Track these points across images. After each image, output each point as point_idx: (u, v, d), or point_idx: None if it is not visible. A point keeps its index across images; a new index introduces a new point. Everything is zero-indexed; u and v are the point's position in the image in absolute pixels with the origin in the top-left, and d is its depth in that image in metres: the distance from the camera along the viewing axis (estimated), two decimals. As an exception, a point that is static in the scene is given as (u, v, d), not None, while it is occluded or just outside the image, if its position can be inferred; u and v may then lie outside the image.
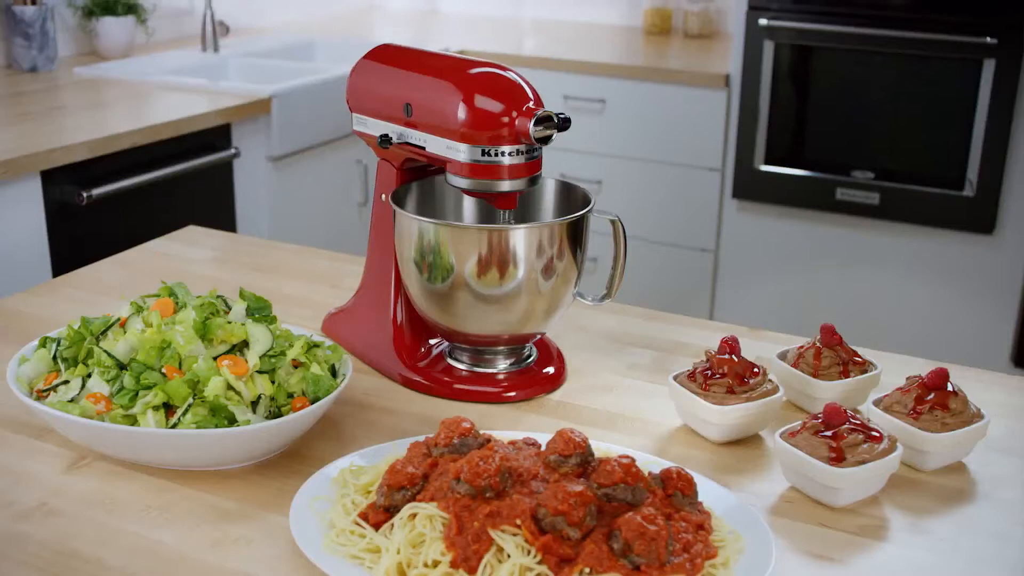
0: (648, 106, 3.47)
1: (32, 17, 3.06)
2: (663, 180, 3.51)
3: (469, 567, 0.91)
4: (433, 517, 0.95)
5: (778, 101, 3.33)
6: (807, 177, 3.34)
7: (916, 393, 1.16)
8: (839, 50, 3.24)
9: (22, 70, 3.10)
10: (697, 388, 1.20)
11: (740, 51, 3.32)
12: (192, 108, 2.72)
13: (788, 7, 3.23)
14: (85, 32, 3.35)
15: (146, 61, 3.26)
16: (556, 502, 0.92)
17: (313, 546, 0.97)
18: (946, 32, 3.05)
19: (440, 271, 1.25)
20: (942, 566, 1.00)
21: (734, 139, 3.40)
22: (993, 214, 3.12)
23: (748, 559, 0.96)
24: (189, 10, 3.68)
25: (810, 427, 1.10)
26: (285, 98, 2.92)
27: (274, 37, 3.75)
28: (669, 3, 4.02)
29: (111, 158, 2.47)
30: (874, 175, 3.25)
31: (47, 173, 2.34)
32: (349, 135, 3.23)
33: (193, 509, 1.07)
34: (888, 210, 3.24)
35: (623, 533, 0.91)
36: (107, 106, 2.76)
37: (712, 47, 3.76)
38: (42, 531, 1.03)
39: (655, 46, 3.81)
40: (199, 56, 3.40)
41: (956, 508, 1.09)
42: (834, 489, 1.06)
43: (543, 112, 1.21)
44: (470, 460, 0.96)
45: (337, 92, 3.09)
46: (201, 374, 1.11)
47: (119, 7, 3.32)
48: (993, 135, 3.06)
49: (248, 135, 2.88)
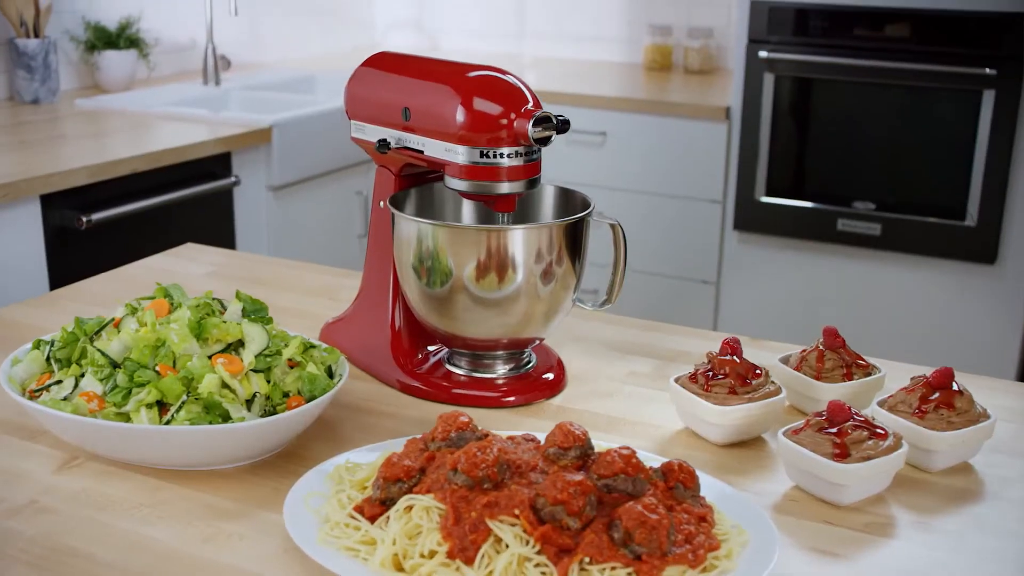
0: (649, 139, 3.48)
1: (35, 50, 3.08)
2: (664, 212, 3.51)
3: (466, 557, 0.90)
4: (430, 508, 0.93)
5: (779, 133, 3.33)
6: (808, 208, 3.33)
7: (921, 392, 1.14)
8: (839, 82, 3.25)
9: (24, 102, 3.11)
10: (698, 389, 1.18)
11: (740, 84, 3.33)
12: (193, 136, 2.72)
13: (788, 40, 3.25)
14: (87, 66, 3.37)
15: (147, 93, 3.27)
16: (555, 491, 0.91)
17: (307, 539, 0.95)
18: (946, 63, 3.06)
19: (439, 275, 1.24)
20: (950, 563, 0.98)
21: (735, 171, 3.40)
22: (995, 244, 3.11)
23: (751, 552, 0.94)
24: (191, 45, 3.70)
25: (814, 424, 1.08)
26: (285, 127, 2.92)
27: (275, 72, 3.77)
28: (669, 40, 4.04)
29: (111, 183, 2.47)
30: (875, 206, 3.25)
31: (47, 197, 2.34)
32: (350, 166, 3.23)
33: (186, 507, 1.05)
34: (890, 241, 3.23)
35: (624, 522, 0.89)
36: (108, 134, 2.76)
37: (712, 82, 3.78)
38: (33, 528, 1.01)
39: (656, 81, 3.82)
40: (200, 89, 3.41)
41: (963, 507, 1.07)
42: (839, 486, 1.04)
43: (542, 113, 1.21)
44: (467, 451, 0.95)
45: (338, 123, 3.10)
46: (195, 371, 1.09)
47: (121, 41, 3.34)
48: (994, 165, 3.06)
49: (248, 164, 2.88)
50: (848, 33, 3.17)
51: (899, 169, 3.23)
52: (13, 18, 3.07)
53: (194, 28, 3.67)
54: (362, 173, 3.28)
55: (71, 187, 2.37)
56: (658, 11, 4.09)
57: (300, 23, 4.15)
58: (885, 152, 3.24)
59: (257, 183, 2.91)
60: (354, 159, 3.23)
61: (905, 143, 3.21)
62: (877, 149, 3.25)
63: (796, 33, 3.23)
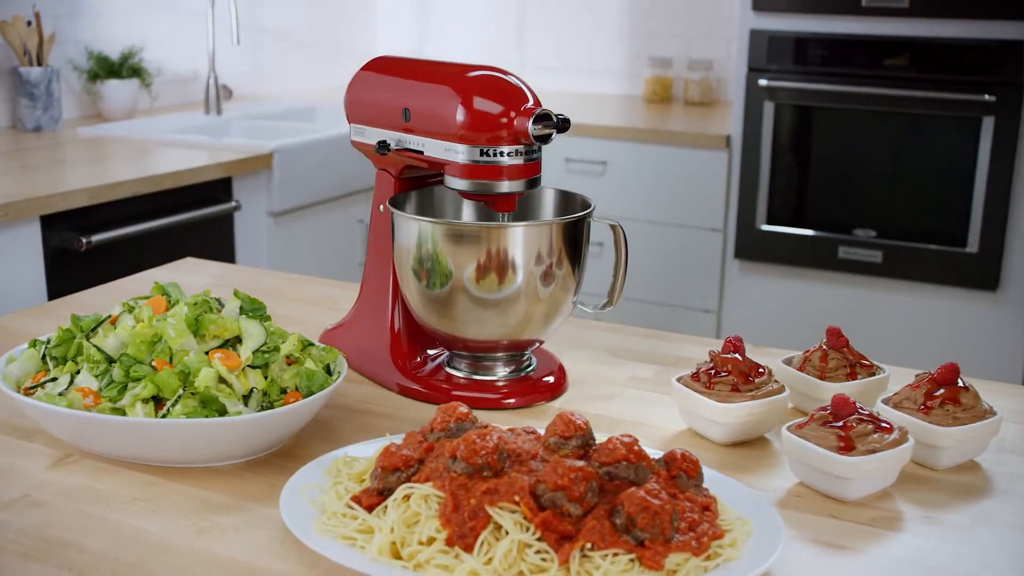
0: (650, 168, 3.48)
1: (38, 78, 3.09)
2: (665, 241, 3.51)
3: (465, 544, 0.88)
4: (428, 497, 0.92)
5: (779, 161, 3.34)
6: (809, 236, 3.33)
7: (926, 389, 1.13)
8: (839, 110, 3.26)
9: (26, 130, 3.12)
10: (701, 387, 1.17)
11: (741, 112, 3.34)
12: (194, 161, 2.73)
13: (788, 68, 3.26)
14: (89, 95, 3.38)
15: (149, 122, 3.28)
16: (556, 477, 0.89)
17: (303, 529, 0.93)
18: (945, 90, 3.07)
19: (439, 276, 1.23)
20: (959, 555, 0.96)
21: (735, 200, 3.40)
22: (997, 270, 3.10)
23: (756, 541, 0.92)
24: (192, 76, 3.71)
25: (818, 419, 1.06)
26: (286, 154, 2.93)
27: (276, 102, 3.78)
28: (669, 72, 4.06)
29: (111, 206, 2.47)
30: (876, 233, 3.25)
31: (47, 218, 2.34)
32: (351, 194, 3.23)
33: (180, 501, 1.03)
34: (891, 268, 3.23)
35: (626, 508, 0.88)
36: (108, 159, 2.77)
37: (712, 114, 3.79)
38: (23, 520, 0.99)
39: (656, 112, 3.84)
40: (202, 118, 3.42)
41: (971, 502, 1.05)
42: (844, 480, 1.03)
43: (542, 110, 1.20)
44: (466, 438, 0.93)
45: (339, 150, 3.11)
46: (192, 366, 1.08)
47: (124, 70, 3.36)
48: (994, 191, 3.06)
49: (249, 189, 2.88)
50: (847, 61, 3.18)
51: (900, 196, 3.24)
52: (17, 47, 3.08)
53: (196, 59, 3.69)
54: (363, 201, 3.28)
55: (71, 208, 2.36)
56: (658, 44, 4.12)
57: (302, 56, 4.18)
58: (886, 179, 3.24)
59: (258, 208, 2.91)
60: (355, 187, 3.23)
61: (905, 170, 3.21)
62: (877, 176, 3.25)
63: (796, 62, 3.25)
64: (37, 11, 3.12)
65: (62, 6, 3.23)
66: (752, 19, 3.27)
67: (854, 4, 3.12)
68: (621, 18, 4.18)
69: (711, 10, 4.00)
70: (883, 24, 3.11)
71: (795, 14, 3.21)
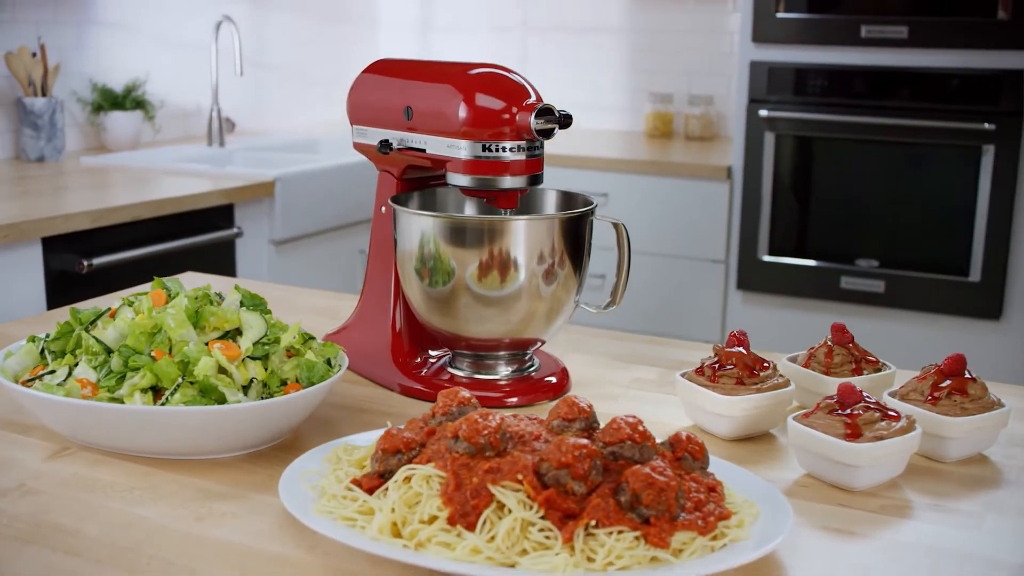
0: (651, 199, 3.49)
1: (42, 108, 3.10)
2: (667, 273, 3.50)
3: (467, 523, 0.86)
4: (430, 477, 0.90)
5: (780, 192, 3.34)
6: (811, 267, 3.33)
7: (933, 380, 1.11)
8: (839, 140, 3.27)
9: (29, 160, 3.13)
10: (705, 381, 1.15)
11: (741, 143, 3.35)
12: (196, 188, 2.73)
13: (788, 99, 3.28)
14: (93, 127, 3.40)
15: (152, 152, 3.29)
16: (559, 455, 0.87)
17: (303, 511, 0.91)
18: (945, 119, 3.08)
19: (441, 274, 1.23)
20: (970, 540, 0.94)
21: (737, 230, 3.40)
22: (999, 299, 3.10)
23: (764, 522, 0.90)
24: (196, 109, 3.73)
25: (824, 407, 1.05)
26: (289, 182, 2.93)
27: (279, 135, 3.80)
28: (670, 107, 4.08)
29: (113, 230, 2.47)
30: (878, 263, 3.24)
31: (48, 241, 2.33)
32: (353, 224, 3.23)
33: (178, 491, 1.02)
34: (894, 298, 3.22)
35: (631, 484, 0.86)
36: (111, 186, 2.77)
37: (713, 148, 3.80)
38: (19, 507, 0.97)
39: (657, 146, 3.85)
40: (205, 149, 3.44)
41: (981, 491, 1.04)
42: (851, 468, 1.01)
43: (544, 105, 1.20)
44: (468, 418, 0.92)
45: (342, 180, 3.11)
46: (192, 356, 1.07)
47: (127, 102, 3.38)
48: (996, 220, 3.06)
49: (251, 217, 2.89)
50: (847, 91, 3.20)
51: (901, 225, 3.24)
52: (22, 77, 3.10)
53: (199, 92, 3.71)
54: (364, 232, 3.29)
55: (73, 231, 2.36)
56: (659, 79, 4.14)
57: (304, 92, 4.20)
58: (887, 209, 3.25)
59: (259, 236, 2.91)
60: (357, 217, 3.24)
61: (906, 199, 3.21)
62: (879, 206, 3.25)
63: (796, 92, 3.26)
64: (42, 42, 3.14)
65: (67, 38, 3.26)
66: (752, 51, 3.30)
67: (853, 35, 3.14)
68: (621, 54, 4.21)
69: (711, 45, 4.03)
70: (882, 55, 3.13)
71: (795, 45, 3.24)
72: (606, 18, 4.23)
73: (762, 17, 3.25)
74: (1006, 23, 2.95)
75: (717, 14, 4.01)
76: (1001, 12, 2.95)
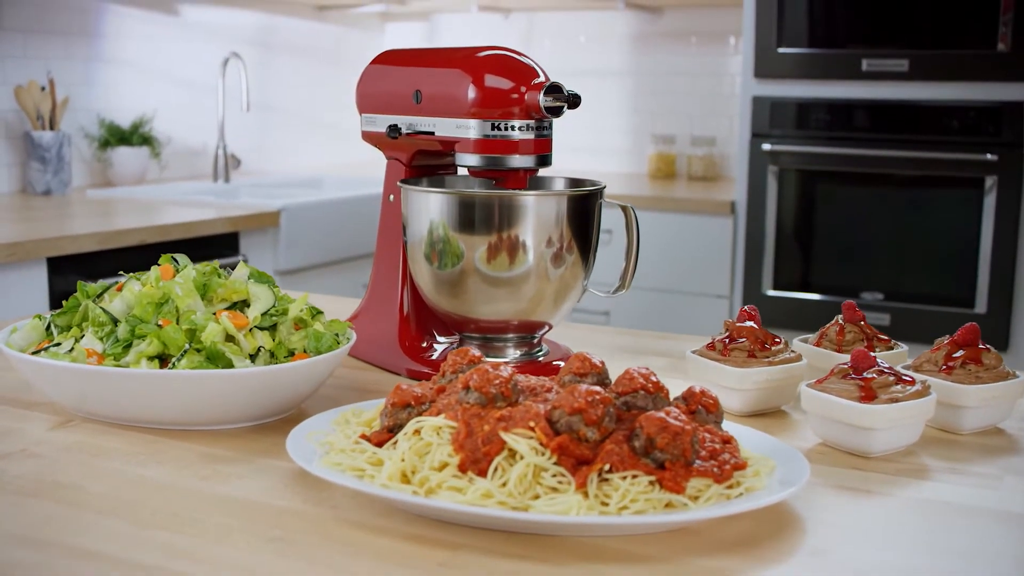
0: (655, 235, 3.49)
1: (49, 142, 3.12)
2: (671, 309, 3.50)
3: (479, 470, 0.85)
4: (440, 428, 0.89)
5: (784, 226, 3.35)
6: (816, 301, 3.32)
7: (947, 350, 1.10)
8: (842, 173, 3.28)
9: (36, 193, 3.14)
10: (717, 355, 1.14)
11: (744, 178, 3.36)
12: (202, 215, 2.73)
13: (790, 133, 3.29)
14: (100, 162, 3.42)
15: (158, 188, 3.31)
16: (572, 400, 0.86)
17: (310, 463, 0.90)
18: (947, 151, 3.09)
19: (450, 256, 1.22)
20: (988, 498, 0.92)
21: (741, 265, 3.40)
22: (1006, 330, 3.08)
23: (780, 474, 0.89)
24: (202, 148, 3.75)
25: (838, 372, 1.04)
26: (294, 212, 2.94)
27: (284, 173, 3.82)
28: (673, 149, 4.10)
29: (118, 253, 2.47)
30: (883, 296, 3.24)
31: (54, 261, 2.33)
32: (357, 258, 3.23)
33: (183, 455, 1.00)
34: (899, 331, 3.20)
35: (645, 429, 0.85)
36: (118, 215, 2.77)
37: (716, 187, 3.81)
38: (21, 467, 0.96)
39: (661, 186, 3.86)
40: (211, 185, 3.45)
41: (998, 458, 1.02)
42: (867, 431, 0.99)
43: (553, 82, 1.21)
44: (479, 369, 0.91)
45: (346, 212, 3.12)
46: (199, 323, 1.06)
47: (134, 138, 3.40)
48: (1000, 251, 3.06)
49: (256, 246, 2.89)
50: (849, 125, 3.22)
51: (906, 258, 3.23)
52: (30, 111, 3.13)
53: (206, 131, 3.73)
54: (367, 266, 3.28)
55: (79, 252, 2.36)
56: (661, 121, 4.17)
57: (309, 134, 4.23)
58: (891, 241, 3.25)
59: (264, 265, 2.91)
60: (360, 251, 3.24)
61: (910, 231, 3.22)
62: (883, 238, 3.25)
63: (798, 126, 3.28)
64: (51, 77, 3.17)
65: (76, 74, 3.29)
66: (754, 86, 3.32)
67: (855, 69, 3.16)
68: (623, 97, 4.24)
69: (713, 87, 4.06)
70: (884, 88, 3.15)
71: (797, 80, 3.26)
72: (608, 62, 4.27)
73: (764, 52, 3.28)
74: (1006, 55, 2.98)
75: (718, 56, 4.05)
76: (1001, 44, 2.98)
